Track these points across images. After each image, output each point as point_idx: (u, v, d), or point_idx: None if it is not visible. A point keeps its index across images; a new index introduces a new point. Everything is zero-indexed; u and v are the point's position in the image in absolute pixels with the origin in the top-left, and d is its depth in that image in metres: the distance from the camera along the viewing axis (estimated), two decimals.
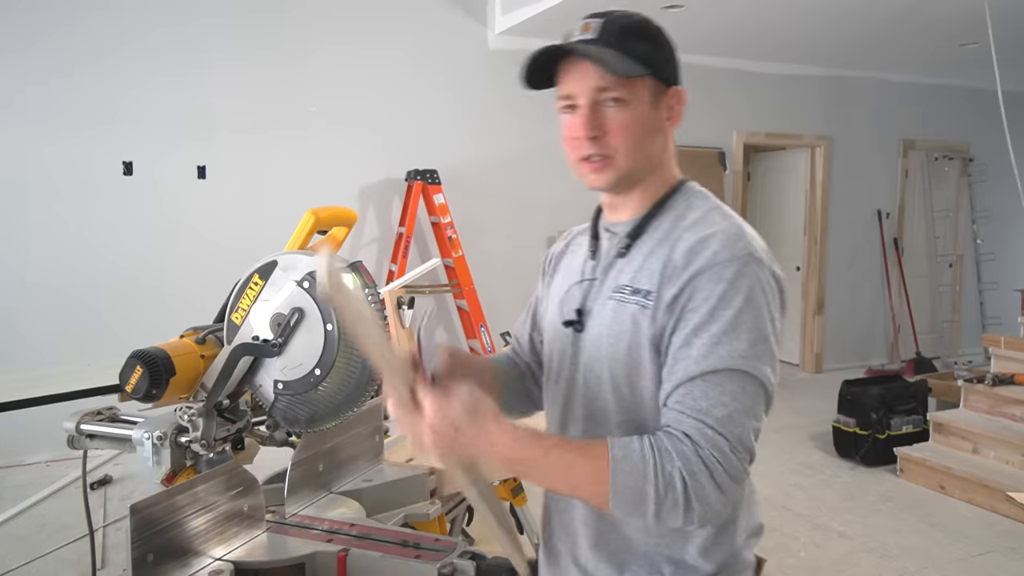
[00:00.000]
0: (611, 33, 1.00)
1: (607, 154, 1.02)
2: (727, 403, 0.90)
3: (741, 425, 0.90)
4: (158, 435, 1.41)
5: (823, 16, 4.95)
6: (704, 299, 0.93)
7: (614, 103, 1.00)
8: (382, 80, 5.06)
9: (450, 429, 0.88)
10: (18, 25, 4.17)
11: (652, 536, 1.02)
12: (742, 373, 0.91)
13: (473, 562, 1.20)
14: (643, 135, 1.02)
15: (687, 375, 0.92)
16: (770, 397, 0.95)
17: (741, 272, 0.93)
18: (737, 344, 0.91)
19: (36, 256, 4.30)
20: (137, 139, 4.46)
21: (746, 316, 0.92)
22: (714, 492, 0.87)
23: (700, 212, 1.03)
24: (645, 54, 1.00)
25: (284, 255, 1.40)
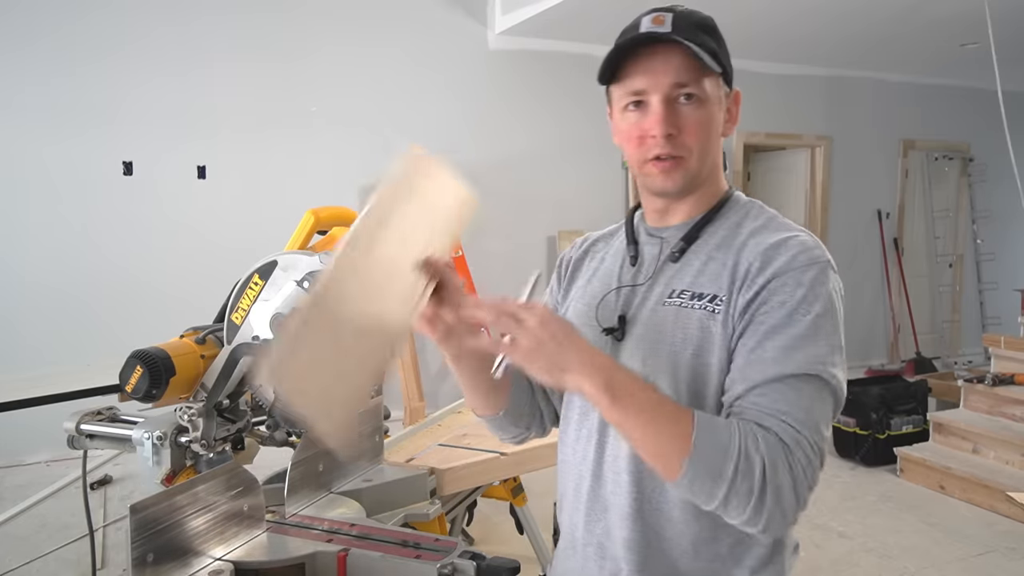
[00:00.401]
0: (685, 28, 0.94)
1: (680, 154, 0.96)
2: (807, 408, 0.86)
3: (818, 431, 0.87)
4: (158, 435, 1.41)
5: (823, 16, 4.95)
6: (781, 302, 0.90)
7: (688, 100, 0.95)
8: (382, 80, 5.06)
9: (547, 335, 0.82)
10: (18, 24, 4.17)
11: (701, 560, 0.96)
12: (820, 380, 0.88)
13: (473, 562, 1.20)
14: (713, 136, 0.98)
15: (764, 377, 0.88)
16: (841, 405, 0.92)
17: (820, 278, 0.91)
18: (816, 350, 0.88)
19: (36, 256, 4.30)
20: (137, 139, 4.46)
21: (825, 322, 0.90)
22: (789, 492, 0.83)
23: (761, 220, 1.00)
24: (717, 52, 0.95)
25: (284, 255, 1.40)
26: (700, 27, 0.96)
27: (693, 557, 0.96)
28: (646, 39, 0.94)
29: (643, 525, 0.97)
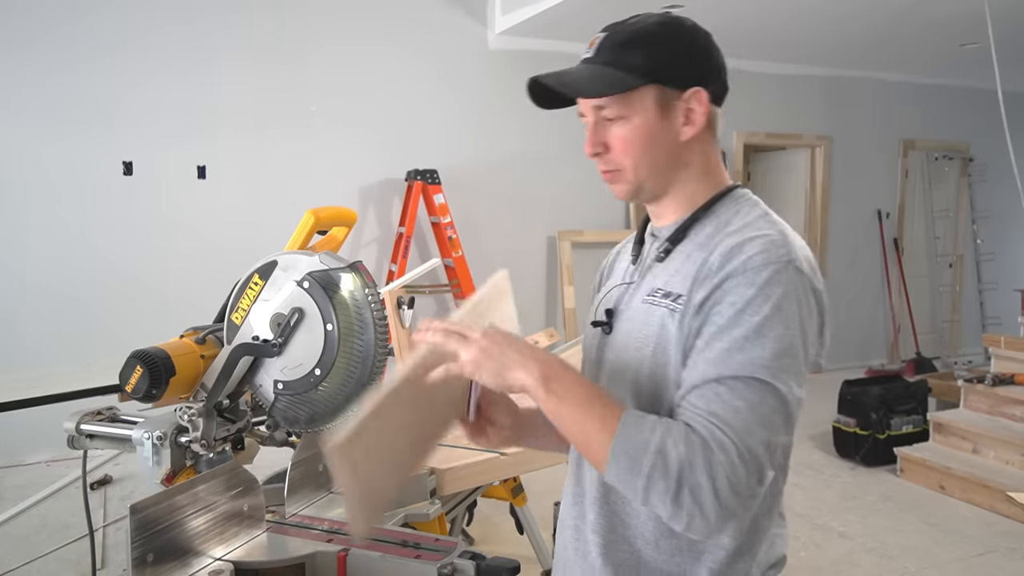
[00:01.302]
0: (608, 49, 0.99)
1: (613, 169, 1.02)
2: (741, 409, 0.85)
3: (752, 434, 0.85)
4: (158, 435, 1.41)
5: (823, 16, 4.95)
6: (731, 303, 0.89)
7: (613, 119, 0.99)
8: (382, 80, 5.07)
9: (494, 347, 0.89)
10: (17, 24, 4.17)
11: (662, 552, 0.98)
12: (761, 383, 0.86)
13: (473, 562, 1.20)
14: (647, 147, 0.99)
15: (704, 377, 0.88)
16: (791, 414, 0.89)
17: (775, 279, 0.89)
18: (760, 352, 0.87)
19: (36, 256, 4.30)
20: (137, 139, 4.46)
21: (774, 324, 0.88)
22: (709, 493, 0.82)
23: (746, 218, 0.99)
24: (644, 64, 0.97)
25: (284, 255, 1.40)
26: (628, 43, 0.98)
27: (655, 548, 0.98)
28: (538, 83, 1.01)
29: (609, 511, 1.01)
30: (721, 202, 1.03)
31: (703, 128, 1.01)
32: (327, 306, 1.34)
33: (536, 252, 5.60)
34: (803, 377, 0.90)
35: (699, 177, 1.03)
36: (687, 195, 1.03)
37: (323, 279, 1.34)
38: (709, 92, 1.00)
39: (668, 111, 0.99)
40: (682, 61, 0.99)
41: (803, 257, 0.93)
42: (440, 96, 5.25)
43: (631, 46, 0.98)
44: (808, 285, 0.92)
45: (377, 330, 1.34)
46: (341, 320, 1.33)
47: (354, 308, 1.33)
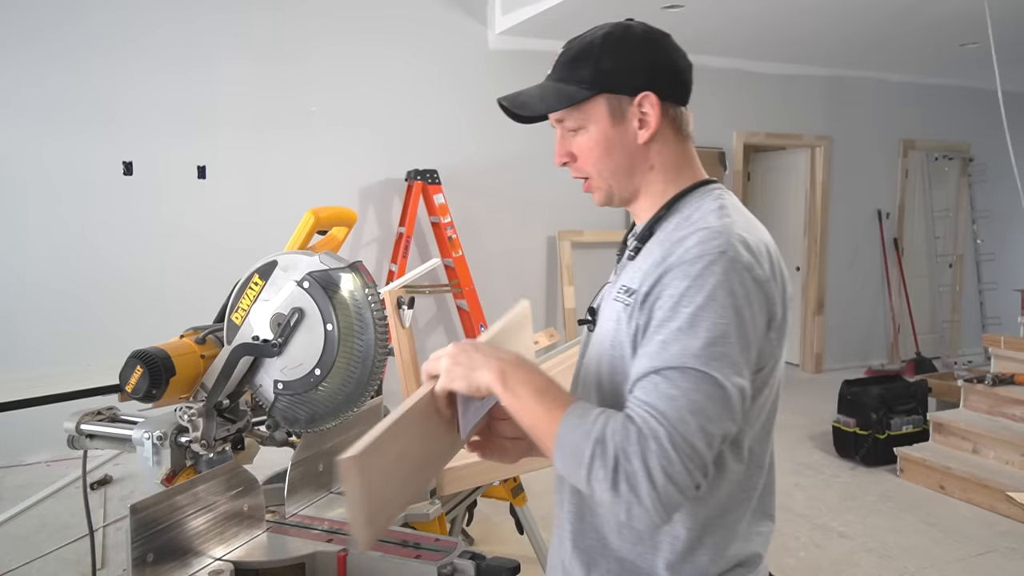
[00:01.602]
0: (561, 66, 1.06)
1: (583, 176, 1.09)
2: (675, 397, 0.87)
3: (684, 423, 0.86)
4: (158, 435, 1.41)
5: (823, 16, 4.95)
6: (669, 295, 0.93)
7: (573, 131, 1.06)
8: (382, 80, 5.07)
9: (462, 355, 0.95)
10: (18, 23, 4.17)
11: (624, 540, 1.02)
12: (695, 372, 0.88)
13: (473, 562, 1.20)
14: (606, 154, 1.05)
15: (644, 370, 0.91)
16: (730, 399, 0.89)
17: (708, 270, 0.91)
18: (692, 342, 0.89)
19: (36, 256, 4.30)
20: (137, 139, 4.46)
21: (707, 314, 0.90)
22: (644, 481, 0.84)
23: (701, 212, 1.02)
24: (591, 76, 1.03)
25: (284, 255, 1.40)
26: (577, 58, 1.04)
27: (618, 536, 1.02)
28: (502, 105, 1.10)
29: (579, 500, 1.06)
30: (686, 198, 1.06)
31: (660, 129, 1.05)
32: (327, 306, 1.34)
33: (536, 252, 5.59)
34: (740, 365, 0.91)
35: (666, 177, 1.08)
36: (657, 195, 1.08)
37: (323, 279, 1.34)
38: (660, 94, 1.04)
39: (621, 117, 1.04)
40: (627, 69, 1.03)
41: (743, 246, 0.95)
42: (440, 96, 5.25)
43: (579, 60, 1.04)
44: (747, 275, 0.93)
45: (377, 330, 1.33)
46: (341, 320, 1.33)
47: (354, 308, 1.33)
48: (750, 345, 0.92)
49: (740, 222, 1.00)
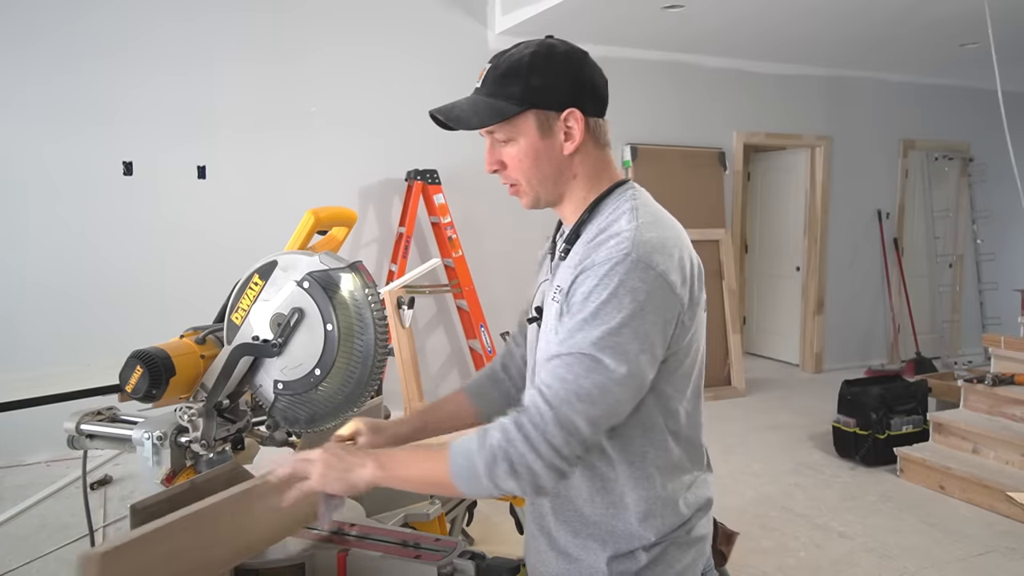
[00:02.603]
0: (491, 81, 1.13)
1: (512, 183, 1.18)
2: (567, 380, 1.01)
3: (570, 403, 1.00)
4: (158, 435, 1.41)
5: (823, 16, 4.95)
6: (581, 293, 1.05)
7: (504, 141, 1.15)
8: (382, 80, 5.07)
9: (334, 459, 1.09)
10: (19, 23, 4.17)
11: (597, 508, 1.14)
12: (589, 357, 1.01)
13: (473, 562, 1.20)
14: (535, 163, 1.14)
15: (548, 355, 1.06)
16: (620, 386, 1.01)
17: (613, 271, 1.03)
18: (591, 332, 1.01)
19: (36, 256, 4.30)
20: (137, 139, 4.46)
21: (607, 309, 1.02)
22: (534, 460, 0.99)
23: (616, 215, 1.12)
24: (521, 93, 1.11)
25: (284, 255, 1.40)
26: (505, 75, 1.12)
27: (591, 505, 1.15)
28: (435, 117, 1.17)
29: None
30: (604, 201, 1.16)
31: (583, 141, 1.14)
32: (327, 306, 1.34)
33: (536, 252, 5.58)
34: (632, 353, 1.02)
35: (588, 183, 1.18)
36: (580, 199, 1.18)
37: (323, 279, 1.34)
38: (583, 110, 1.13)
39: (548, 131, 1.13)
40: (554, 87, 1.12)
41: (647, 248, 1.05)
42: (440, 96, 5.16)
43: (509, 77, 1.12)
44: (650, 272, 1.04)
45: (377, 330, 1.34)
46: (341, 320, 1.33)
47: (354, 308, 1.33)
48: (647, 334, 1.03)
49: (648, 222, 1.10)
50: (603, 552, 1.14)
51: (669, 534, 1.14)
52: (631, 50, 5.69)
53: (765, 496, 3.91)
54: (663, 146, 5.89)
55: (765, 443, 4.77)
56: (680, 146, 5.99)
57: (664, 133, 5.91)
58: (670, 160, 5.88)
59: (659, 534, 1.14)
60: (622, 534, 1.14)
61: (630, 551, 1.13)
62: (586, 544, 1.15)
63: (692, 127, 6.08)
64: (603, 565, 1.14)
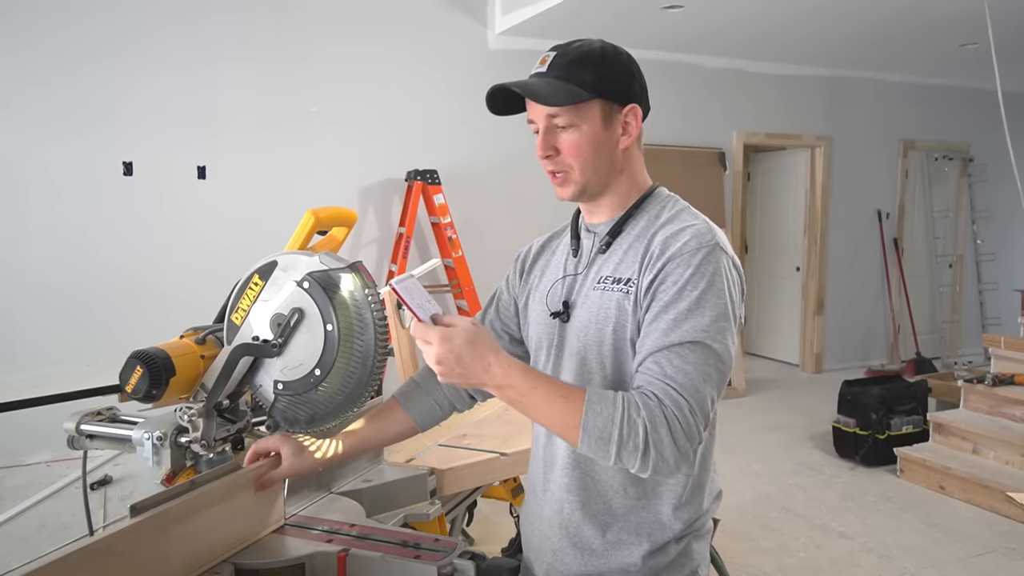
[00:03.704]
0: (559, 66, 1.14)
1: (563, 170, 1.17)
2: (689, 371, 1.03)
3: (700, 391, 1.02)
4: (158, 435, 1.41)
5: (823, 16, 4.96)
6: (674, 282, 1.07)
7: (563, 127, 1.14)
8: (382, 81, 5.07)
9: (452, 358, 1.02)
10: (19, 24, 4.17)
11: (629, 498, 1.15)
12: (703, 345, 1.04)
13: (473, 562, 1.20)
14: (593, 152, 1.16)
15: (656, 346, 1.05)
16: (727, 367, 1.07)
17: (707, 259, 1.08)
18: (700, 320, 1.05)
19: (36, 256, 4.30)
20: (137, 139, 4.46)
21: (709, 296, 1.06)
22: (670, 444, 1.00)
23: (672, 212, 1.18)
24: (593, 80, 1.13)
25: (284, 255, 1.40)
26: (578, 61, 1.14)
27: (623, 496, 1.16)
28: (504, 89, 1.16)
29: (580, 473, 1.19)
30: (648, 200, 1.21)
31: (634, 139, 1.19)
32: (327, 306, 1.34)
33: None
34: (733, 336, 1.09)
35: (630, 180, 1.22)
36: (620, 195, 1.21)
37: (323, 279, 1.34)
38: (641, 108, 1.18)
39: (610, 123, 1.16)
40: (621, 81, 1.17)
41: (724, 240, 1.13)
42: (440, 96, 5.25)
43: (581, 64, 1.13)
44: (731, 262, 1.12)
45: (377, 330, 1.33)
46: (341, 320, 1.33)
47: (354, 308, 1.33)
48: (736, 318, 1.10)
49: (709, 221, 1.17)
50: (638, 547, 1.15)
51: (692, 524, 1.17)
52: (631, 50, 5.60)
53: (765, 496, 3.91)
54: (663, 146, 5.89)
55: (765, 443, 4.77)
56: (680, 146, 5.99)
57: (664, 133, 5.91)
58: (670, 160, 5.88)
59: (685, 524, 1.16)
60: (655, 524, 1.15)
61: (664, 544, 1.15)
62: (618, 539, 1.16)
63: (692, 127, 6.08)
64: (638, 560, 1.15)
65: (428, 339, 1.02)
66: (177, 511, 1.11)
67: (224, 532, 1.22)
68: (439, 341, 1.01)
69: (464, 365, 1.02)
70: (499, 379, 1.04)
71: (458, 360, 1.02)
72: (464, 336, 1.02)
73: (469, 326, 1.04)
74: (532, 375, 1.06)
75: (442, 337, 1.01)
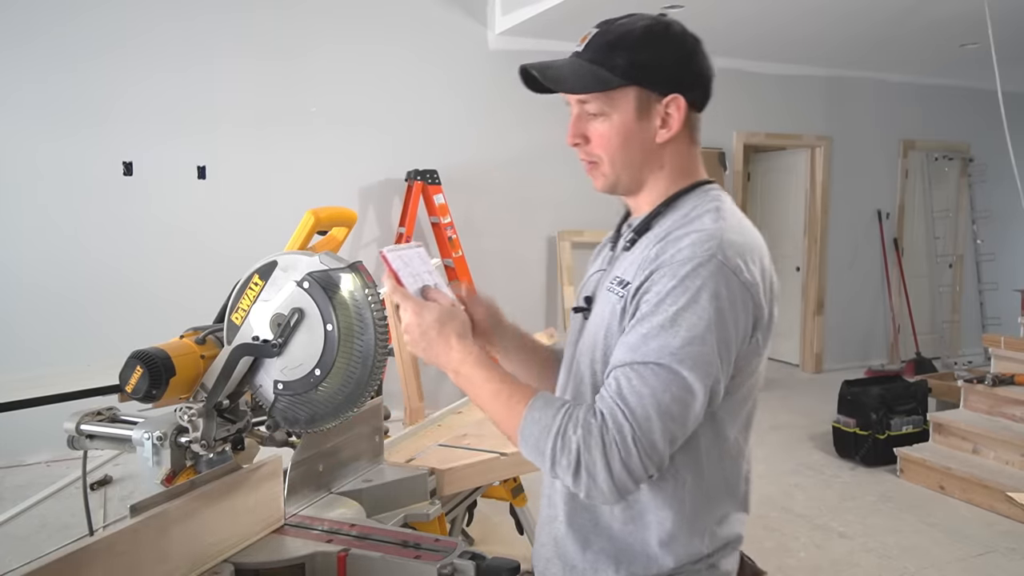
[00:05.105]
0: (596, 47, 1.04)
1: (592, 160, 1.09)
2: (644, 396, 0.92)
3: (649, 420, 0.92)
4: (158, 435, 1.41)
5: (823, 17, 4.95)
6: (656, 292, 0.96)
7: (595, 114, 1.05)
8: (382, 80, 5.07)
9: (419, 332, 1.04)
10: (16, 21, 4.16)
11: (616, 520, 1.05)
12: (669, 370, 0.92)
13: (473, 562, 1.20)
14: (624, 144, 1.05)
15: (620, 361, 0.96)
16: (695, 402, 0.94)
17: (695, 272, 0.94)
18: (671, 340, 0.93)
19: (34, 258, 4.29)
20: (137, 139, 4.46)
21: (687, 314, 0.93)
22: (603, 470, 0.91)
23: (697, 212, 1.04)
24: (626, 66, 1.02)
25: (284, 255, 1.40)
26: (616, 43, 1.03)
27: (609, 514, 1.06)
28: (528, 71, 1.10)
29: None
30: (685, 196, 1.08)
31: (679, 132, 1.07)
32: (327, 306, 1.34)
33: (536, 252, 5.59)
34: (712, 366, 0.94)
35: (673, 177, 1.10)
36: (660, 192, 1.09)
37: (323, 279, 1.34)
38: (688, 99, 1.06)
39: (646, 113, 1.05)
40: (663, 67, 1.04)
41: (734, 252, 0.97)
42: (440, 96, 5.25)
43: (617, 46, 1.03)
44: (734, 279, 0.95)
45: (377, 330, 1.33)
46: (341, 320, 1.33)
47: (354, 308, 1.33)
48: (729, 346, 0.95)
49: (734, 225, 1.02)
50: (615, 573, 1.05)
51: (690, 565, 1.05)
52: None
53: (765, 496, 3.91)
54: None
55: (765, 443, 4.77)
56: None
57: None
58: None
59: (679, 562, 1.04)
60: (639, 555, 1.04)
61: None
62: (596, 560, 1.06)
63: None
64: None
65: (405, 307, 1.05)
66: (177, 511, 1.11)
67: (224, 532, 1.22)
68: (412, 311, 1.04)
69: (428, 340, 1.04)
70: (455, 364, 1.03)
71: (423, 334, 1.04)
72: (436, 314, 1.04)
73: (445, 307, 1.05)
74: (488, 369, 1.03)
75: (416, 309, 1.04)
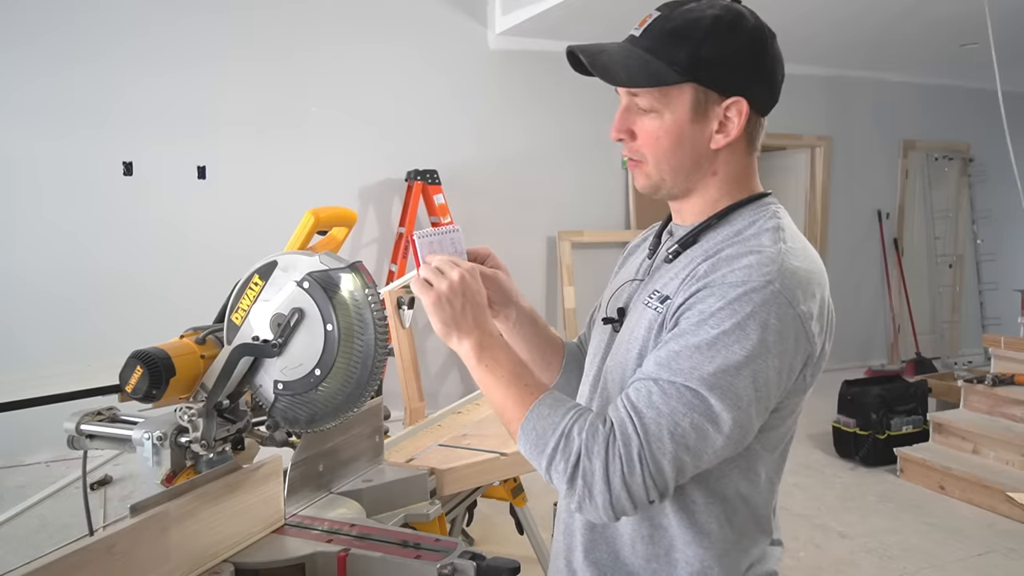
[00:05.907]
0: (655, 33, 0.93)
1: (636, 158, 0.98)
2: (662, 414, 0.84)
3: (661, 440, 0.84)
4: (158, 435, 1.41)
5: (824, 17, 4.96)
6: (700, 311, 0.87)
7: (645, 110, 0.95)
8: (382, 80, 5.07)
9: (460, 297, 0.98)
10: (16, 22, 4.16)
11: (638, 556, 0.98)
12: (698, 395, 0.84)
13: (473, 562, 1.20)
14: (674, 147, 0.95)
15: (646, 373, 0.88)
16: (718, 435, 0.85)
17: (746, 297, 0.85)
18: (704, 365, 0.84)
19: (34, 258, 4.29)
20: (137, 139, 4.46)
21: (729, 341, 0.84)
22: (601, 482, 0.84)
23: (755, 229, 0.94)
24: (686, 61, 0.91)
25: (284, 255, 1.40)
26: (677, 32, 0.92)
27: (631, 551, 0.99)
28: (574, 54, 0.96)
29: None
30: (739, 211, 0.98)
31: (737, 138, 0.96)
32: (327, 306, 1.34)
33: (536, 252, 5.59)
34: (745, 401, 0.85)
35: (725, 186, 0.99)
36: (709, 201, 1.00)
37: (323, 279, 1.34)
38: (751, 102, 0.94)
39: (703, 115, 0.94)
40: (728, 65, 0.92)
41: (794, 280, 0.88)
42: (440, 96, 5.25)
43: (678, 37, 0.91)
44: (789, 310, 0.86)
45: (377, 330, 1.33)
46: (341, 320, 1.33)
47: (354, 308, 1.33)
48: (768, 383, 0.86)
49: (797, 249, 0.92)
50: None
51: None
52: None
53: None
54: None
55: None
56: None
57: None
58: None
59: None
60: None
61: None
62: None
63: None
64: None
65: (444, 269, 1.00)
66: (177, 511, 1.11)
67: (224, 532, 1.21)
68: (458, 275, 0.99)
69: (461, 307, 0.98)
70: (474, 339, 0.97)
71: (458, 298, 0.97)
72: (464, 278, 0.99)
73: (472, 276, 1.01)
74: (505, 352, 0.97)
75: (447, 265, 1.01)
